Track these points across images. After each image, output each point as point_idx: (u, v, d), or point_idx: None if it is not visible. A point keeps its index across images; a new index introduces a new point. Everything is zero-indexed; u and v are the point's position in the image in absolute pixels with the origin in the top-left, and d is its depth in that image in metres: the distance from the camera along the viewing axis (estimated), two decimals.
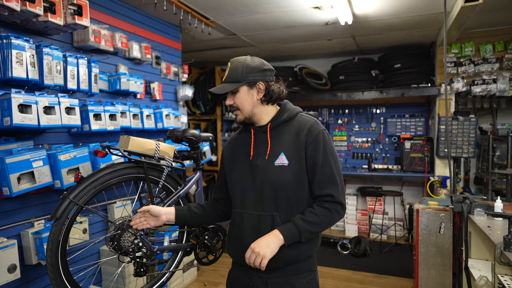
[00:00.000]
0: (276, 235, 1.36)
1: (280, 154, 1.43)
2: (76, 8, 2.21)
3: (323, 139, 1.43)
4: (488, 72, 4.01)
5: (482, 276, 2.12)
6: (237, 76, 1.46)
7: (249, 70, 1.46)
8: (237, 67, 1.47)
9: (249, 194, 1.47)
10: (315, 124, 1.46)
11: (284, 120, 1.49)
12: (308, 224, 1.37)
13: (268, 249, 1.33)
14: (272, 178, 1.42)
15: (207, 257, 2.23)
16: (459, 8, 2.79)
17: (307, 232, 1.38)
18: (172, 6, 3.09)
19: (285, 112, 1.51)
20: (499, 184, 4.24)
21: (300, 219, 1.38)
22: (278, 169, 1.42)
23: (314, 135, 1.42)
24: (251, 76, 1.46)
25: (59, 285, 1.65)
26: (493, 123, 4.64)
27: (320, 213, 1.40)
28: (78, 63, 2.33)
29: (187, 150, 2.30)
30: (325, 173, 1.41)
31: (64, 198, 1.65)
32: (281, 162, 1.42)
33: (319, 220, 1.39)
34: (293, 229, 1.37)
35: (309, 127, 1.44)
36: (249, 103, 1.47)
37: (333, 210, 1.41)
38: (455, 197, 2.69)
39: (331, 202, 1.41)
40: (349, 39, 4.45)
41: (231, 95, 1.49)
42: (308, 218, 1.38)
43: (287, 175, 1.41)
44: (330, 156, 1.42)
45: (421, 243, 2.98)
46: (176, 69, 3.69)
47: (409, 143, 4.86)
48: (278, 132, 1.49)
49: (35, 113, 1.97)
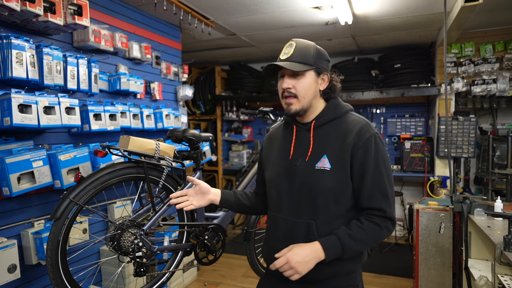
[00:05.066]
0: (317, 249, 1.20)
1: (323, 156, 1.28)
2: (76, 8, 2.20)
3: (375, 145, 1.25)
4: (488, 72, 4.01)
5: (482, 276, 2.12)
6: (308, 58, 1.28)
7: (320, 56, 1.31)
8: (308, 49, 1.30)
9: (285, 197, 1.34)
10: (366, 125, 1.28)
11: (330, 119, 1.33)
12: (355, 242, 1.21)
13: (306, 266, 1.19)
14: (310, 182, 1.28)
15: (207, 257, 2.22)
16: (459, 8, 2.79)
17: (351, 250, 1.22)
18: (172, 6, 3.09)
19: (332, 110, 1.33)
20: (499, 184, 4.24)
21: (347, 235, 1.21)
22: (319, 173, 1.27)
23: (365, 138, 1.25)
24: (321, 63, 1.30)
25: (59, 285, 1.65)
26: (493, 123, 4.64)
27: (369, 229, 1.23)
28: (78, 63, 2.33)
29: (187, 150, 2.30)
30: (376, 184, 1.24)
31: (64, 198, 1.65)
32: (323, 165, 1.27)
33: (367, 238, 1.23)
34: (337, 245, 1.21)
35: (359, 129, 1.26)
36: (312, 91, 1.30)
37: (383, 226, 1.24)
38: (455, 197, 2.69)
39: (381, 218, 1.24)
40: (349, 39, 4.45)
41: (289, 78, 1.29)
42: (355, 234, 1.21)
43: (327, 180, 1.26)
44: (382, 166, 1.25)
45: (421, 243, 2.98)
46: (176, 69, 3.69)
47: (409, 143, 4.86)
48: (323, 131, 1.32)
49: (35, 113, 1.97)
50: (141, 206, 2.07)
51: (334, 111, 1.33)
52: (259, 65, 5.89)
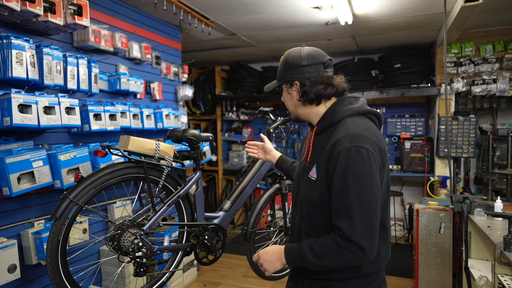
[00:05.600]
0: (281, 253, 1.28)
1: (314, 165, 1.28)
2: (76, 8, 2.20)
3: (347, 159, 1.15)
4: (488, 72, 4.01)
5: (482, 276, 2.12)
6: (279, 73, 1.36)
7: (288, 67, 1.31)
8: (281, 63, 1.35)
9: (295, 196, 1.41)
10: (344, 138, 1.18)
11: (326, 126, 1.29)
12: (313, 255, 1.20)
13: (270, 265, 1.31)
14: (302, 189, 1.33)
15: (207, 257, 2.22)
16: (459, 8, 2.79)
17: (310, 263, 1.21)
18: (172, 6, 3.09)
19: (330, 116, 1.28)
20: (499, 184, 4.24)
21: (308, 246, 1.22)
22: (308, 182, 1.30)
23: (337, 152, 1.17)
24: (288, 74, 1.31)
25: (59, 285, 1.65)
26: (493, 123, 4.64)
27: (328, 246, 1.18)
28: (78, 63, 2.33)
29: (187, 150, 2.30)
30: (339, 201, 1.17)
31: (64, 198, 1.65)
32: (312, 174, 1.28)
33: (324, 254, 1.18)
34: (298, 254, 1.24)
35: (335, 141, 1.20)
36: (291, 103, 1.36)
37: (343, 247, 1.15)
38: (455, 197, 2.69)
39: (341, 238, 1.15)
40: (349, 39, 4.45)
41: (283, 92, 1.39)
42: (316, 248, 1.20)
43: (311, 190, 1.27)
44: (351, 181, 1.14)
45: (421, 243, 2.98)
46: (176, 69, 3.69)
47: (409, 143, 4.86)
48: (322, 137, 1.29)
49: (35, 113, 1.97)
50: (141, 206, 2.07)
51: (330, 118, 1.28)
52: (259, 65, 5.89)
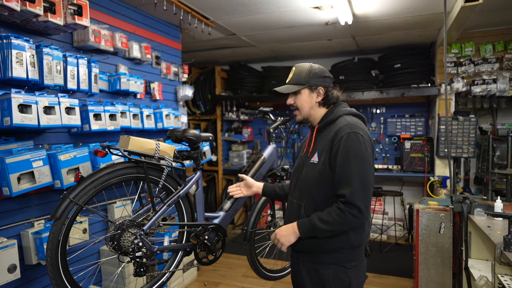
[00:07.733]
0: (294, 227, 1.57)
1: (315, 152, 1.62)
2: (76, 8, 2.21)
3: (347, 140, 1.50)
4: (488, 72, 4.01)
5: (482, 276, 2.12)
6: (301, 79, 1.65)
7: (312, 75, 1.64)
8: (302, 71, 1.66)
9: (295, 183, 1.71)
10: (345, 127, 1.54)
11: (327, 123, 1.64)
12: (322, 222, 1.49)
13: (285, 239, 1.59)
14: (305, 172, 1.64)
15: (207, 257, 2.22)
16: (459, 8, 2.79)
17: (319, 230, 1.50)
18: (172, 6, 3.09)
19: (329, 115, 1.65)
20: (499, 184, 4.24)
21: (316, 216, 1.52)
22: (311, 165, 1.62)
23: (340, 136, 1.52)
24: (313, 81, 1.64)
25: (59, 285, 1.65)
26: (493, 123, 4.64)
27: (333, 212, 1.48)
28: (78, 63, 2.33)
29: (187, 150, 2.30)
30: (342, 173, 1.49)
31: (64, 198, 1.65)
32: (314, 159, 1.61)
33: (331, 220, 1.48)
34: (308, 224, 1.53)
35: (337, 129, 1.55)
36: (308, 105, 1.67)
37: (345, 211, 1.46)
38: (455, 197, 2.69)
39: (344, 203, 1.47)
40: (349, 39, 4.45)
41: (292, 95, 1.69)
42: (323, 216, 1.50)
43: (314, 171, 1.59)
44: (351, 157, 1.48)
45: (421, 243, 2.98)
46: (176, 69, 3.69)
47: (409, 143, 4.86)
48: (322, 133, 1.65)
49: (35, 113, 1.97)
50: (141, 206, 2.06)
51: (331, 116, 1.64)
52: (259, 65, 5.88)
